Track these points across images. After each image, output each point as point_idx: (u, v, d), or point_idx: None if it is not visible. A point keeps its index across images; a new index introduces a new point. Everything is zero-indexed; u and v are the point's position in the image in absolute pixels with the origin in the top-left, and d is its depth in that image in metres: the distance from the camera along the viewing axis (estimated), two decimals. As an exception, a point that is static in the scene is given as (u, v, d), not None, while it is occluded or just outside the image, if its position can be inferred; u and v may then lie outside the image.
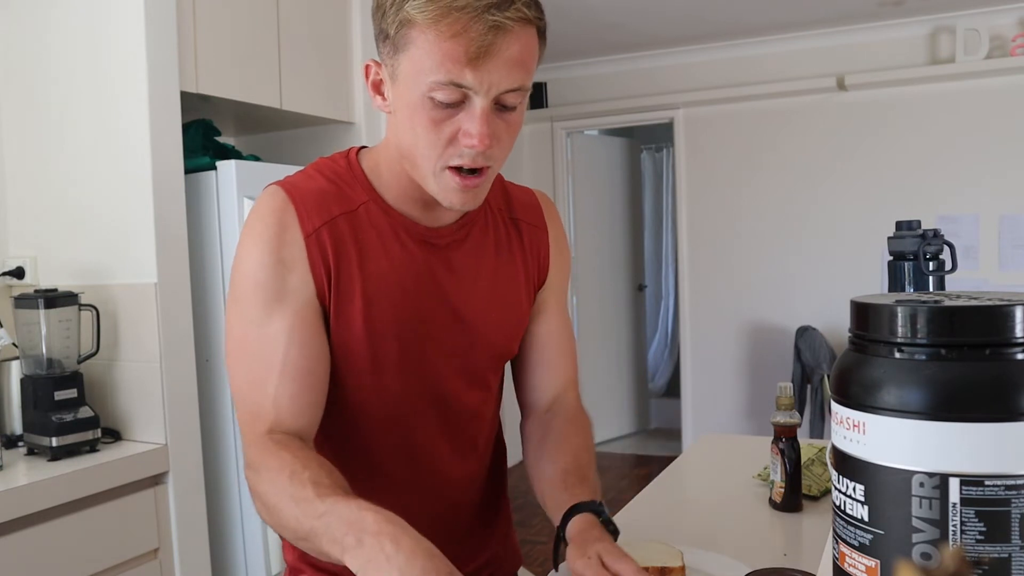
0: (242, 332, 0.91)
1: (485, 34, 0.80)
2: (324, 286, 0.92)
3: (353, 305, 0.93)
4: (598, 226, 5.50)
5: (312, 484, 0.78)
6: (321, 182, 0.95)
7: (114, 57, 2.00)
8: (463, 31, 0.80)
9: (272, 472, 0.82)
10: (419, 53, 0.82)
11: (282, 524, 0.80)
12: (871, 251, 4.34)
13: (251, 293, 0.90)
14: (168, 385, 2.00)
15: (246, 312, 0.90)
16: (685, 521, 1.38)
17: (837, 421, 0.63)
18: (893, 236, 1.58)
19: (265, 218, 0.91)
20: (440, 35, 0.80)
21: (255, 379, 0.89)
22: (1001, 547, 0.54)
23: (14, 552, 1.65)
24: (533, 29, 0.85)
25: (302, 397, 0.89)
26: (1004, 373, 0.55)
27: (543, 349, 1.11)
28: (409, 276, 0.95)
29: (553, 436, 1.07)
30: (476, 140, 0.84)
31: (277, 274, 0.90)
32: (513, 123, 0.89)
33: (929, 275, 1.54)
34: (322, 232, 0.91)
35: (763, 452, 1.65)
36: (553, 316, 1.11)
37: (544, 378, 1.12)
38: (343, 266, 0.92)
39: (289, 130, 2.79)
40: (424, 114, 0.85)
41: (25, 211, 2.20)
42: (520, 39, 0.83)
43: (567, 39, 4.52)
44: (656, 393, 6.41)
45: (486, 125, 0.84)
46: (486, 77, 0.82)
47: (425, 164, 0.88)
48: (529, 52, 0.85)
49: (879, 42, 4.33)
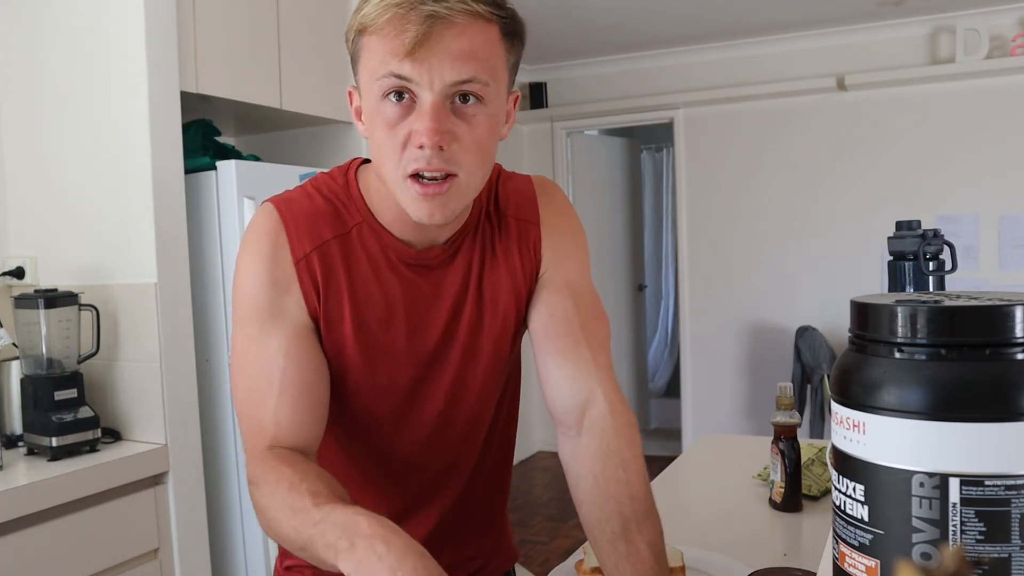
0: (243, 348, 0.91)
1: (420, 24, 0.79)
2: (315, 309, 0.92)
3: (343, 329, 0.93)
4: (598, 226, 5.50)
5: (309, 494, 0.78)
6: (318, 201, 0.94)
7: (114, 57, 2.00)
8: (399, 26, 0.80)
9: (271, 485, 0.82)
10: (369, 56, 0.83)
11: (282, 536, 0.80)
12: (871, 251, 4.34)
13: (249, 311, 0.91)
14: (168, 385, 2.00)
15: (246, 329, 0.91)
16: (685, 521, 1.38)
17: (837, 421, 0.63)
18: (893, 236, 1.58)
19: (260, 238, 0.91)
20: (383, 35, 0.81)
21: (256, 396, 0.89)
22: (1001, 547, 0.54)
23: (14, 552, 1.65)
24: (487, 24, 0.83)
25: (302, 413, 0.89)
26: (1004, 373, 0.55)
27: (548, 338, 0.98)
28: (398, 300, 0.95)
29: (609, 508, 0.90)
30: (424, 136, 0.81)
31: (272, 294, 0.90)
32: (477, 124, 0.84)
33: (929, 275, 1.54)
34: (312, 257, 0.91)
35: (763, 452, 1.65)
36: (556, 297, 1.00)
37: (560, 376, 0.97)
38: (332, 291, 0.92)
39: (289, 130, 2.79)
40: (380, 118, 0.84)
41: (25, 211, 2.20)
42: (466, 32, 0.81)
43: (567, 39, 4.52)
44: (656, 393, 6.41)
45: (434, 120, 0.81)
46: (426, 68, 0.80)
47: (390, 175, 0.86)
48: (480, 45, 0.82)
49: (879, 42, 4.33)
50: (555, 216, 1.03)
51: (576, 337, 0.97)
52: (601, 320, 1.02)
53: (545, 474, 4.85)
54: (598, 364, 0.97)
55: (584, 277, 1.04)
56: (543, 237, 1.01)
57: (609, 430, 0.93)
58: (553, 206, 1.04)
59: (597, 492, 0.91)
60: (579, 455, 0.95)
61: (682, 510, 1.47)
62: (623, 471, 0.91)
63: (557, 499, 4.37)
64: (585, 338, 0.98)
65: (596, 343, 0.98)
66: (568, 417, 0.97)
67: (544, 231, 1.02)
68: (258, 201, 2.17)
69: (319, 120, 2.60)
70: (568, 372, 0.97)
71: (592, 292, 1.04)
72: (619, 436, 0.93)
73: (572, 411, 0.96)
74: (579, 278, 1.03)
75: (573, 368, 0.97)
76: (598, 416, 0.95)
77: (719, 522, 1.39)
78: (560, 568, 1.14)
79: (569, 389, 0.97)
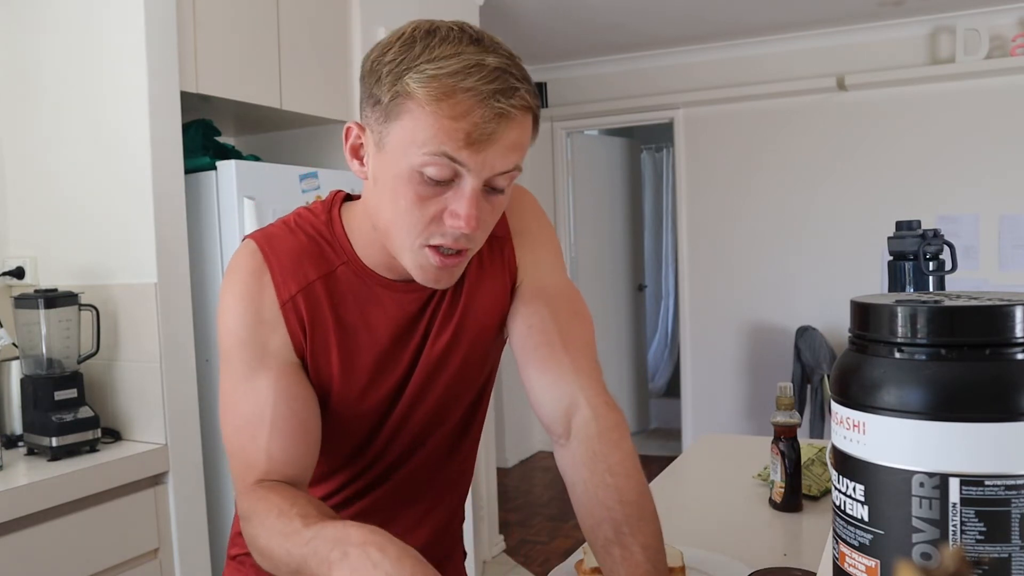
0: (231, 387, 0.91)
1: (489, 120, 0.78)
2: (302, 348, 0.92)
3: (329, 367, 0.94)
4: (598, 226, 5.50)
5: (299, 517, 0.77)
6: (301, 239, 0.94)
7: (114, 57, 2.00)
8: (466, 113, 0.77)
9: (261, 515, 0.81)
10: (415, 125, 0.79)
11: (276, 564, 0.79)
12: (871, 251, 4.34)
13: (235, 350, 0.90)
14: (168, 385, 2.00)
15: (232, 367, 0.91)
16: (685, 521, 1.38)
17: (837, 421, 0.63)
18: (893, 236, 1.58)
19: (244, 278, 0.91)
20: (440, 112, 0.78)
21: (245, 433, 0.89)
22: (1001, 547, 0.54)
23: (14, 552, 1.65)
24: (531, 116, 0.83)
25: (293, 447, 0.88)
26: (1004, 373, 0.55)
27: (527, 350, 0.98)
28: (384, 335, 0.95)
29: (604, 522, 0.89)
30: (463, 222, 0.81)
31: (258, 334, 0.90)
32: (498, 205, 0.86)
33: (929, 275, 1.54)
34: (298, 299, 0.91)
35: (763, 452, 1.65)
36: (532, 307, 0.99)
37: (541, 386, 0.97)
38: (318, 331, 0.92)
39: (289, 130, 2.79)
40: (411, 188, 0.82)
41: (25, 211, 2.20)
42: (520, 125, 0.82)
43: (567, 39, 4.52)
44: (656, 393, 6.42)
45: (475, 207, 0.81)
46: (482, 159, 0.80)
47: (404, 239, 0.85)
48: (525, 137, 0.83)
49: (879, 42, 4.33)
50: (524, 224, 1.03)
51: (554, 346, 0.96)
52: (580, 320, 1.00)
53: (545, 474, 4.85)
54: (578, 369, 0.96)
55: (559, 279, 1.03)
56: (516, 248, 1.02)
57: (594, 436, 0.92)
58: (521, 215, 1.03)
59: (587, 499, 0.91)
60: (569, 462, 0.95)
61: (682, 510, 1.47)
62: (610, 476, 0.90)
63: (557, 499, 4.37)
64: (563, 344, 0.96)
65: (576, 347, 0.97)
66: (555, 426, 0.96)
67: (516, 242, 1.02)
68: (258, 201, 2.17)
69: (319, 120, 2.60)
70: (549, 381, 0.96)
71: (568, 293, 1.02)
72: (605, 441, 0.92)
73: (558, 420, 0.96)
74: (554, 282, 1.02)
75: (554, 377, 0.96)
76: (583, 422, 0.94)
77: (719, 522, 1.39)
78: (560, 568, 1.14)
79: (552, 398, 0.96)
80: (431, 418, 1.02)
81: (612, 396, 0.97)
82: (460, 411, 1.06)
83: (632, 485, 0.90)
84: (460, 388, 1.03)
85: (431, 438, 1.04)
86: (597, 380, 0.97)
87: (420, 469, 1.05)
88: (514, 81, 0.80)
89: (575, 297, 1.02)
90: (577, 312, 1.01)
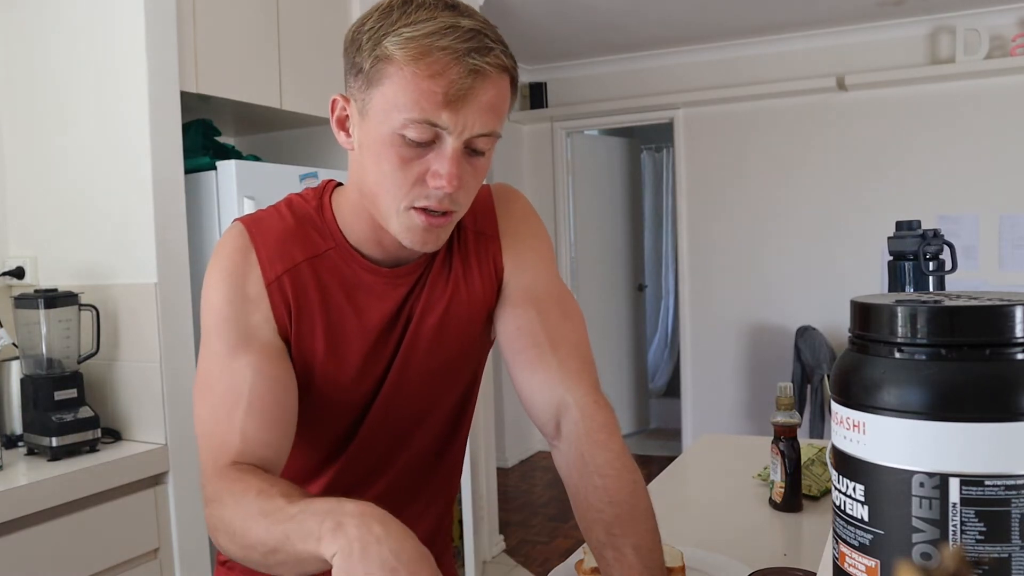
0: (209, 365, 0.89)
1: (464, 77, 0.80)
2: (286, 330, 0.92)
3: (315, 351, 0.93)
4: (598, 226, 5.50)
5: (282, 496, 0.75)
6: (289, 221, 0.94)
7: (114, 57, 2.00)
8: (442, 72, 0.79)
9: (236, 496, 0.78)
10: (394, 89, 0.81)
11: (250, 543, 0.75)
12: (871, 251, 4.34)
13: (217, 327, 0.89)
14: (168, 385, 2.00)
15: (212, 345, 0.89)
16: (685, 521, 1.38)
17: (837, 421, 0.63)
18: (893, 236, 1.59)
19: (230, 256, 0.91)
20: (418, 73, 0.80)
21: (221, 412, 0.86)
22: (1001, 547, 0.54)
23: (14, 552, 1.64)
24: (508, 77, 0.85)
25: (269, 429, 0.86)
26: (1004, 373, 0.55)
27: (515, 352, 0.98)
28: (373, 322, 0.95)
29: (601, 516, 0.89)
30: (444, 181, 0.83)
31: (242, 311, 0.89)
32: (480, 168, 0.88)
33: (929, 275, 1.54)
34: (283, 279, 0.91)
35: (763, 452, 1.65)
36: (520, 310, 0.99)
37: (530, 389, 0.97)
38: (304, 313, 0.92)
39: (289, 130, 2.79)
40: (393, 151, 0.83)
41: (25, 211, 2.20)
42: (496, 85, 0.83)
43: (567, 39, 4.52)
44: (656, 393, 6.42)
45: (456, 166, 0.83)
46: (461, 119, 0.81)
47: (389, 203, 0.86)
48: (502, 99, 0.85)
49: (879, 42, 4.33)
50: (513, 225, 1.03)
51: (541, 348, 0.96)
52: (570, 321, 1.00)
53: (545, 474, 4.85)
54: (567, 369, 0.95)
55: (547, 280, 1.02)
56: (503, 249, 1.02)
57: (583, 437, 0.92)
58: (511, 215, 1.04)
59: (579, 502, 0.92)
60: (562, 464, 0.95)
61: (682, 510, 1.47)
62: (599, 478, 0.90)
63: (557, 499, 4.37)
64: (552, 346, 0.96)
65: (564, 348, 0.97)
66: (547, 428, 0.97)
67: (504, 242, 1.02)
68: (258, 201, 2.17)
69: (319, 120, 2.60)
70: (538, 383, 0.96)
71: (558, 294, 1.02)
72: (592, 442, 0.91)
73: (548, 422, 0.96)
74: (542, 283, 1.02)
75: (542, 379, 0.96)
76: (571, 424, 0.94)
77: (719, 522, 1.39)
78: (560, 568, 1.14)
79: (541, 400, 0.96)
80: (414, 412, 1.01)
81: (605, 394, 0.97)
82: (444, 411, 1.05)
83: (621, 485, 0.90)
84: (443, 382, 1.02)
85: (415, 437, 1.03)
86: (587, 380, 0.96)
87: (407, 473, 1.04)
88: (489, 41, 0.82)
89: (564, 297, 1.02)
90: (566, 312, 1.01)
